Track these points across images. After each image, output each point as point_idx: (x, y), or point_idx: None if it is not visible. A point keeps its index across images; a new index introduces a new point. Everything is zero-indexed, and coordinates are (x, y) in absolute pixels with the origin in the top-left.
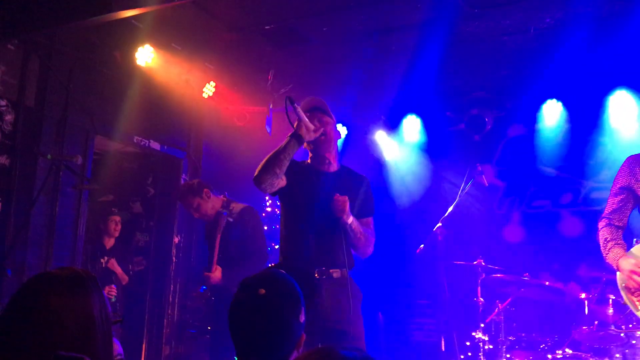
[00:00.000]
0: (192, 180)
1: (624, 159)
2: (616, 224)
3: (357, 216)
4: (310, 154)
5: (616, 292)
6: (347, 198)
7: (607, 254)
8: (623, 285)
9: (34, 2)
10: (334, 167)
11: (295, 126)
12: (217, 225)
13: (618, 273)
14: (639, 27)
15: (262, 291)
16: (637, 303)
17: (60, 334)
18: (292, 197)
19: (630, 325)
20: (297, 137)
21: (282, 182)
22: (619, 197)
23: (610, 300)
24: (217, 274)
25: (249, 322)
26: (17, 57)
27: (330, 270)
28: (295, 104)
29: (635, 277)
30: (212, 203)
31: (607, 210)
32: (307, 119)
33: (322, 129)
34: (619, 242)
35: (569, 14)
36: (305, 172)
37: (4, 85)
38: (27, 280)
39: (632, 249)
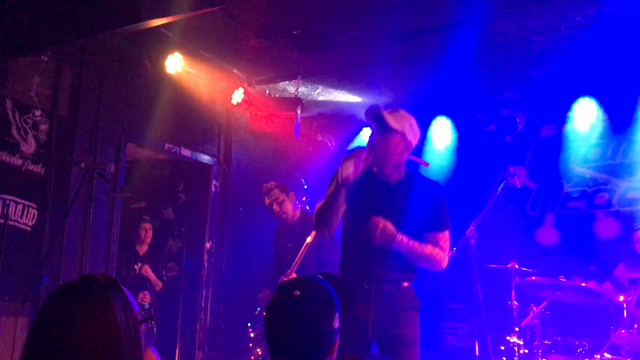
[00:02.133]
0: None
1: None
2: None
3: (422, 229)
4: None
5: None
6: (386, 224)
7: None
8: None
9: (65, 14)
10: (394, 177)
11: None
12: (307, 226)
13: None
14: None
15: (297, 292)
16: None
17: (86, 345)
18: (349, 205)
19: None
20: (346, 185)
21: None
22: None
23: None
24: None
25: (282, 322)
26: (50, 68)
27: (380, 283)
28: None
29: None
30: (293, 206)
31: None
32: (348, 166)
33: (371, 156)
34: None
35: (601, 11)
36: (365, 180)
37: (39, 95)
38: (49, 293)
39: None
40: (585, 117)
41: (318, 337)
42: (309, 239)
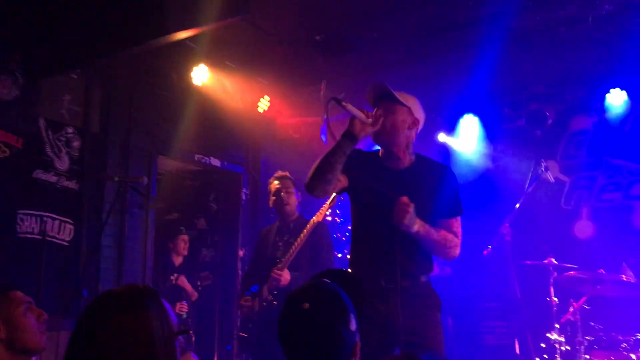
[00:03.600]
0: None
1: None
2: None
3: (436, 217)
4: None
5: None
6: (410, 206)
7: None
8: None
9: (91, 32)
10: (405, 162)
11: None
12: (300, 228)
13: None
14: None
15: (306, 305)
16: None
17: (121, 354)
18: (357, 197)
19: None
20: (349, 136)
21: (340, 183)
22: None
23: None
24: (286, 275)
25: (298, 338)
26: (80, 85)
27: (399, 279)
28: (344, 102)
29: None
30: (296, 204)
31: None
32: (360, 113)
33: (381, 119)
34: None
35: None
36: (372, 167)
37: (70, 113)
38: (90, 301)
39: None
40: (617, 108)
41: (337, 345)
42: (310, 224)
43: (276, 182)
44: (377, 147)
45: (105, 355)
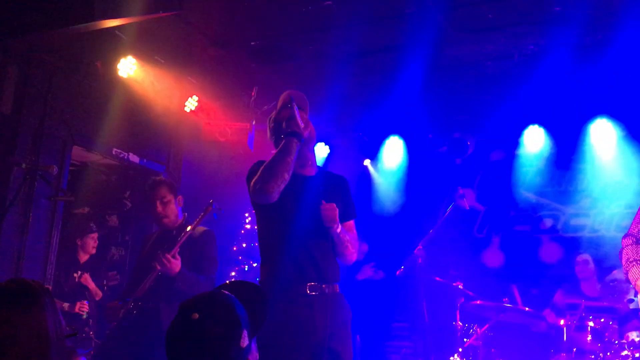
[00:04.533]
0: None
1: (604, 185)
2: None
3: (340, 220)
4: None
5: (594, 319)
6: (334, 206)
7: (626, 273)
8: None
9: (12, 8)
10: (314, 169)
11: (286, 125)
12: (180, 232)
13: (639, 296)
14: (620, 57)
15: (196, 316)
16: None
17: (12, 351)
18: (273, 207)
19: (609, 354)
20: (297, 135)
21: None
22: None
23: (589, 328)
24: (178, 262)
25: (183, 348)
26: None
27: (323, 286)
28: (294, 102)
29: None
30: (177, 211)
31: (633, 228)
32: (299, 116)
33: (309, 126)
34: None
35: (553, 41)
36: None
37: None
38: None
39: None
40: (534, 144)
41: None
42: (188, 228)
43: (150, 193)
44: None
45: None
